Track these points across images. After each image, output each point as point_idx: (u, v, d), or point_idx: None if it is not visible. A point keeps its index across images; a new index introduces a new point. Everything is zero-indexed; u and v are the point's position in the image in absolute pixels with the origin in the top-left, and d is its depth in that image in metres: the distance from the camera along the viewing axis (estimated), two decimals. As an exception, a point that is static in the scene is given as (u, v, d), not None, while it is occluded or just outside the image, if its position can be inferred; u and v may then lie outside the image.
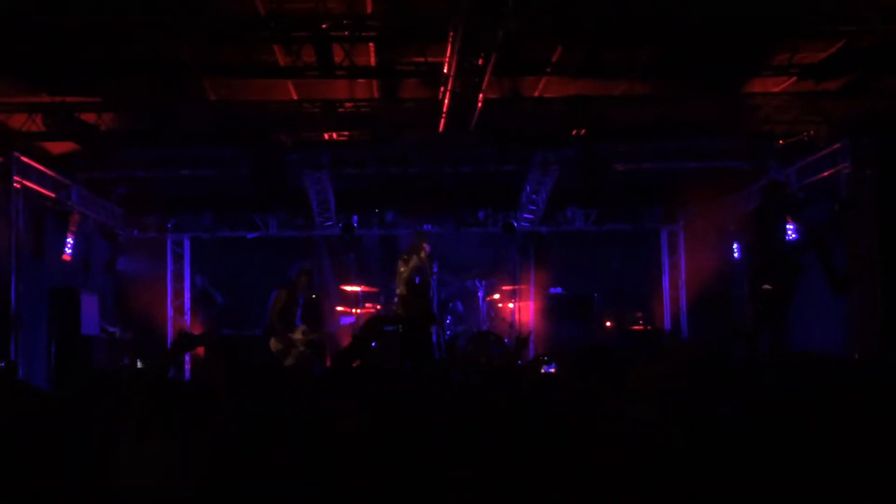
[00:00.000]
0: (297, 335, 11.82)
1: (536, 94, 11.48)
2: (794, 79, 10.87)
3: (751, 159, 13.74)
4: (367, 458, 3.51)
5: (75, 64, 9.87)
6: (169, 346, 11.78)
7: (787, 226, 9.06)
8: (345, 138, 12.21)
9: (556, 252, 16.70)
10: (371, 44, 9.80)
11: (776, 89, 11.37)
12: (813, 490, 3.17)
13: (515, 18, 8.39)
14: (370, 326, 7.35)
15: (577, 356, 6.14)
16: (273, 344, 11.77)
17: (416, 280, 11.27)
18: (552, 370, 10.56)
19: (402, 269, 11.80)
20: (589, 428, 3.85)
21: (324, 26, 8.96)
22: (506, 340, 14.16)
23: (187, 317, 16.60)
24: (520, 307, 15.88)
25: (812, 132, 12.14)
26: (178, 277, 16.76)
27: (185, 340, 11.36)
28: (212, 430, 3.91)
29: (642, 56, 10.30)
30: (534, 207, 15.62)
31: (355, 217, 16.04)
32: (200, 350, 13.34)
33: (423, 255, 11.59)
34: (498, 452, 3.62)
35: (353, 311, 15.19)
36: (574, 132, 11.96)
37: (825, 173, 12.05)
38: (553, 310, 15.43)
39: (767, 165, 13.53)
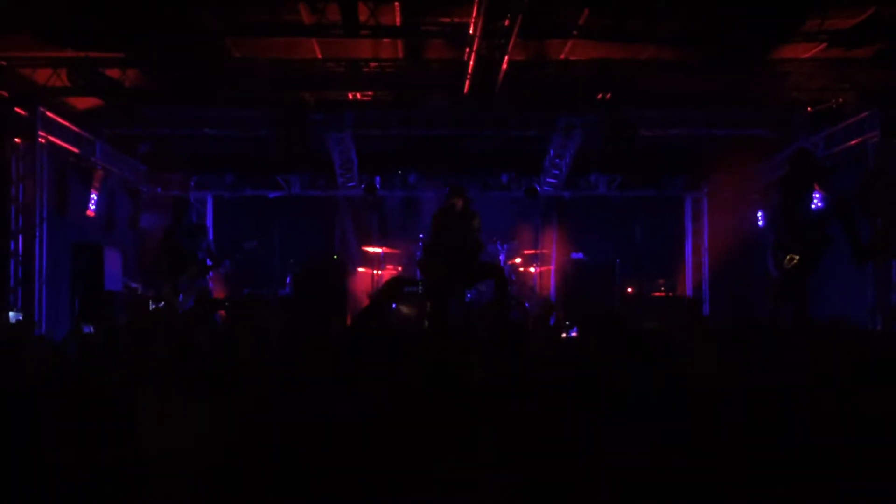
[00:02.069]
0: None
1: (562, 57, 11.39)
2: (824, 45, 10.74)
3: (778, 127, 13.61)
4: (385, 420, 3.52)
5: (100, 20, 9.86)
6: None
7: (814, 194, 8.95)
8: (369, 98, 12.16)
9: (578, 217, 16.65)
10: (396, 3, 9.74)
11: (805, 56, 11.23)
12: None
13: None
14: (388, 288, 7.22)
15: (592, 324, 6.14)
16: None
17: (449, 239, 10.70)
18: (574, 335, 10.54)
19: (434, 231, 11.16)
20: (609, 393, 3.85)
21: (349, -16, 8.92)
22: (527, 304, 14.14)
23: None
24: (541, 272, 15.86)
25: (841, 100, 12.00)
26: (201, 235, 16.78)
27: (207, 304, 11.44)
28: (239, 393, 3.93)
29: (671, 21, 10.18)
30: (557, 172, 15.54)
31: (378, 178, 16.02)
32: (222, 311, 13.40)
33: (455, 212, 10.94)
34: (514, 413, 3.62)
35: (375, 271, 15.19)
36: (599, 96, 11.86)
37: (853, 142, 11.91)
38: (574, 275, 15.37)
39: (794, 133, 13.40)
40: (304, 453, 3.40)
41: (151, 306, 12.61)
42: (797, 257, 8.63)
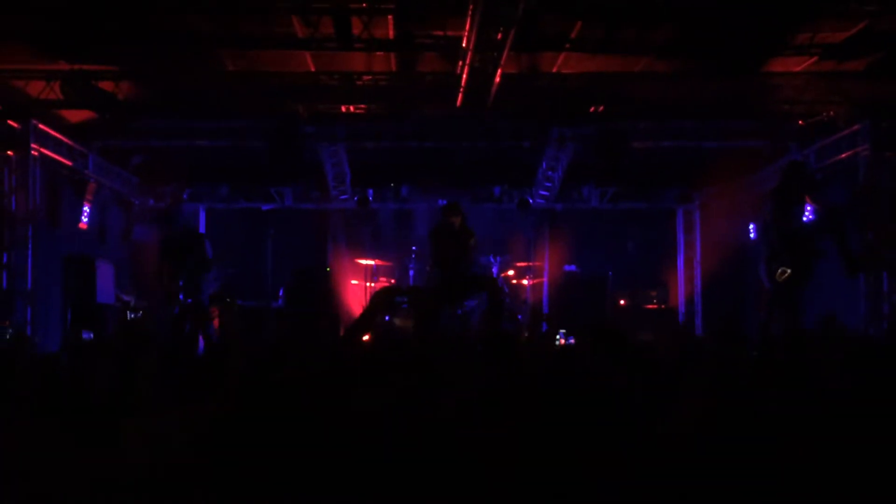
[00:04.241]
0: None
1: (555, 69, 11.42)
2: (816, 59, 10.78)
3: (769, 139, 13.66)
4: (376, 436, 3.51)
5: (94, 32, 9.87)
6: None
7: (805, 207, 8.98)
8: (362, 111, 12.18)
9: (571, 229, 16.66)
10: (390, 16, 9.76)
11: (797, 69, 11.27)
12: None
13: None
14: (378, 299, 7.14)
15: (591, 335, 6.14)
16: None
17: (445, 255, 10.69)
18: (564, 341, 10.51)
19: (433, 247, 11.03)
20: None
21: (343, -2, 8.94)
22: (519, 317, 14.15)
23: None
24: (534, 284, 15.87)
25: (832, 113, 12.05)
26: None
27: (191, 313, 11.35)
28: (222, 399, 3.92)
29: (662, 33, 10.22)
30: (549, 184, 15.56)
31: (370, 191, 16.05)
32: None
33: (453, 230, 10.85)
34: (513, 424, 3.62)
35: (368, 284, 15.17)
36: (592, 109, 11.89)
37: (844, 155, 11.95)
38: (567, 287, 15.40)
39: (786, 146, 13.45)
40: (293, 461, 3.41)
41: (130, 316, 12.58)
42: (789, 270, 8.64)
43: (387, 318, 13.27)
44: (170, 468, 3.45)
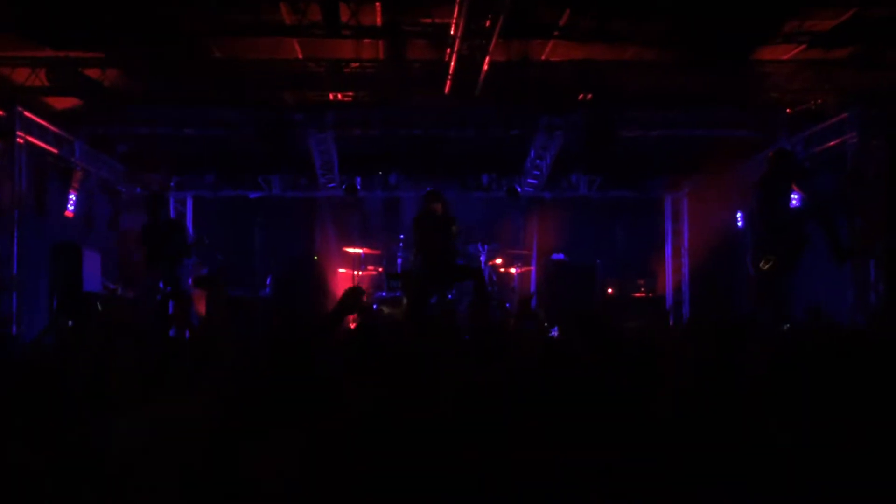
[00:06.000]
0: None
1: (543, 57, 11.40)
2: (804, 47, 10.79)
3: (758, 128, 13.67)
4: (369, 430, 3.50)
5: (80, 19, 9.80)
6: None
7: (793, 195, 9.00)
8: (349, 99, 12.12)
9: (559, 218, 16.67)
10: (377, 3, 9.73)
11: (785, 57, 11.29)
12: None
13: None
14: (345, 299, 7.02)
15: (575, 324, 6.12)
16: None
17: (428, 242, 10.67)
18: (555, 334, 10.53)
19: (416, 235, 10.93)
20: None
21: (331, -16, 8.90)
22: (507, 305, 14.15)
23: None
24: (522, 272, 15.87)
25: (820, 101, 12.06)
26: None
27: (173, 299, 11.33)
28: (213, 390, 3.90)
29: (652, 22, 10.21)
30: (538, 173, 15.55)
31: (359, 179, 16.02)
32: (201, 308, 13.36)
33: (435, 217, 10.81)
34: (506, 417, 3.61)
35: (356, 272, 15.14)
36: (580, 97, 11.87)
37: (832, 143, 11.99)
38: (555, 276, 15.38)
39: (774, 134, 13.47)
40: (284, 455, 3.39)
41: (100, 306, 12.57)
42: (773, 258, 8.65)
43: (374, 306, 13.28)
44: (156, 465, 3.42)
